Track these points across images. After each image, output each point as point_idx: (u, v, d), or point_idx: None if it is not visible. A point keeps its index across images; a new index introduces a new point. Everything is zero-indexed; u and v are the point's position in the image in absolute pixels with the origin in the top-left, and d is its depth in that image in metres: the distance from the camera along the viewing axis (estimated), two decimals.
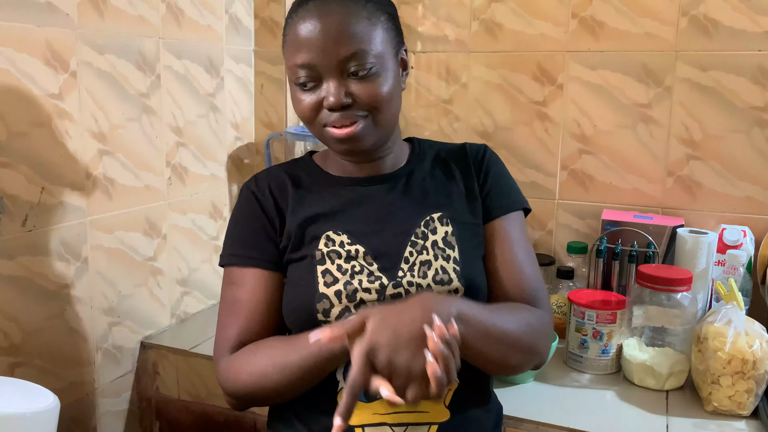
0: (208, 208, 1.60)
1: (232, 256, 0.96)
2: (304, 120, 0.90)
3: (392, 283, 0.88)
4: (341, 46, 0.84)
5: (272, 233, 0.95)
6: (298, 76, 0.87)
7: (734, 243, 1.35)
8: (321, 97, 0.87)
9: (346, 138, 0.87)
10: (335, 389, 0.88)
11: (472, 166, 0.99)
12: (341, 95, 0.85)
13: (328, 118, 0.87)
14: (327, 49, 0.84)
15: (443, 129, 1.65)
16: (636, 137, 1.49)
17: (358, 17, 0.86)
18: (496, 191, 0.98)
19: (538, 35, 1.53)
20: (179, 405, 1.41)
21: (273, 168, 1.02)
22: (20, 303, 1.14)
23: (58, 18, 1.17)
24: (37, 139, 1.15)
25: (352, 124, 0.87)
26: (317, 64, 0.85)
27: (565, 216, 1.57)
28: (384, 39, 0.88)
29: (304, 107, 0.89)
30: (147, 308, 1.43)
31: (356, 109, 0.87)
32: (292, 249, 0.93)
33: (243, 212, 0.97)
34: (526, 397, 1.18)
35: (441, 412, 0.87)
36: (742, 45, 1.38)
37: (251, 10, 1.71)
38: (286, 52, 0.89)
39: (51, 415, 0.82)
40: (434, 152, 1.02)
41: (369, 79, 0.86)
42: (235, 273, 0.95)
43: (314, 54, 0.85)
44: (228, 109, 1.65)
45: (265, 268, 0.94)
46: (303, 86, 0.88)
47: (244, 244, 0.95)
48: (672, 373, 1.20)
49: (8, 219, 1.11)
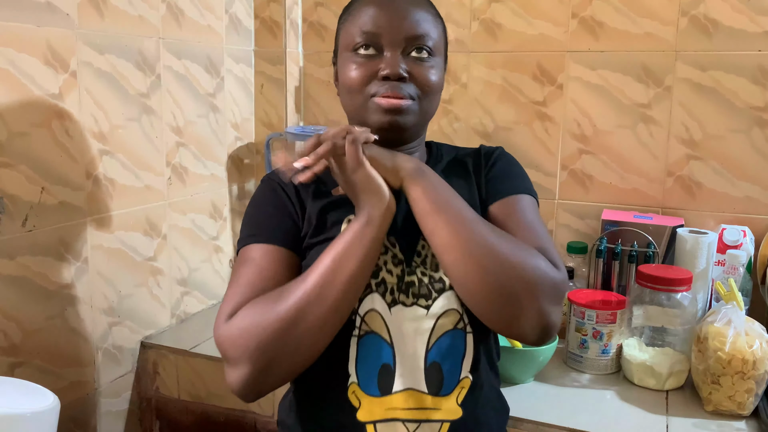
0: (208, 208, 1.60)
1: (251, 237, 0.92)
2: (353, 88, 0.90)
3: (408, 270, 0.88)
4: (411, 24, 0.89)
5: (295, 216, 0.93)
6: (357, 41, 0.89)
7: (734, 243, 1.35)
8: (376, 68, 0.88)
9: (393, 109, 0.88)
10: (346, 384, 0.87)
11: (483, 162, 0.99)
12: (400, 67, 0.87)
13: (379, 88, 0.88)
14: (396, 23, 0.88)
15: (443, 129, 1.65)
16: (636, 137, 1.49)
17: (428, 9, 0.93)
18: (495, 174, 0.97)
19: (538, 35, 1.53)
20: (179, 405, 1.41)
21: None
22: (20, 303, 1.14)
23: (58, 18, 1.17)
24: (37, 139, 1.15)
25: (402, 99, 0.88)
26: (383, 34, 0.88)
27: (565, 216, 1.57)
28: (442, 38, 0.94)
29: (356, 75, 0.89)
30: (147, 308, 1.43)
31: (408, 87, 0.89)
32: (314, 233, 0.91)
33: (264, 199, 0.96)
34: (526, 397, 1.18)
35: (453, 410, 0.87)
36: (742, 45, 1.39)
37: (251, 10, 1.71)
38: (348, 23, 0.91)
39: (51, 415, 0.82)
40: (452, 156, 1.01)
41: (426, 63, 0.90)
42: (250, 250, 0.90)
43: (383, 24, 0.88)
44: (228, 109, 1.65)
45: (281, 245, 0.90)
46: (362, 51, 0.89)
47: (264, 225, 0.93)
48: (672, 373, 1.20)
49: (8, 219, 1.11)
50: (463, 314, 0.88)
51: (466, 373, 0.89)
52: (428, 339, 0.87)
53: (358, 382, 0.86)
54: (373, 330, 0.86)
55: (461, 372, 0.89)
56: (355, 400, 0.86)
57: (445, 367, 0.87)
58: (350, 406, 0.86)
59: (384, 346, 0.86)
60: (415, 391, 0.86)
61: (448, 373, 0.87)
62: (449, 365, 0.88)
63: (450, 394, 0.87)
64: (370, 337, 0.86)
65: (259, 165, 1.76)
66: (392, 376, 0.86)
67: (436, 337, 0.87)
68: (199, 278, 1.59)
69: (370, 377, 0.86)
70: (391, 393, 0.86)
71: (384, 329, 0.86)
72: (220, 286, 1.66)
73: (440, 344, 0.87)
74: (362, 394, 0.86)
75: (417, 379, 0.86)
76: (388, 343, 0.86)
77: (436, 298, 0.87)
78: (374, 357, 0.86)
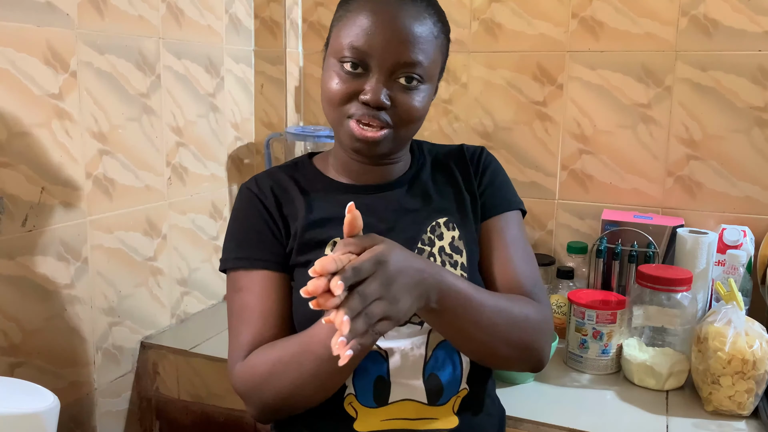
0: (208, 208, 1.60)
1: (238, 260, 0.90)
2: (331, 102, 0.86)
3: None
4: (404, 49, 0.82)
5: (278, 233, 0.90)
6: (345, 55, 0.83)
7: (734, 243, 1.35)
8: (360, 88, 0.83)
9: (367, 140, 0.84)
10: (342, 396, 0.86)
11: (471, 167, 0.98)
12: (384, 96, 0.82)
13: (356, 111, 0.84)
14: (390, 45, 0.82)
15: (443, 129, 1.65)
16: (636, 137, 1.49)
17: (428, 30, 0.84)
18: (492, 190, 0.96)
19: (538, 35, 1.53)
20: (179, 405, 1.41)
21: (272, 169, 0.98)
22: (20, 303, 1.14)
23: (58, 18, 1.17)
24: (37, 139, 1.15)
25: (380, 129, 0.84)
26: (373, 55, 0.82)
27: (565, 216, 1.57)
28: (437, 61, 0.88)
29: (337, 90, 0.84)
30: (147, 308, 1.43)
31: (387, 115, 0.84)
32: (298, 252, 0.89)
33: (245, 214, 0.93)
34: (526, 397, 1.18)
35: (450, 419, 0.87)
36: (742, 45, 1.38)
37: (251, 10, 1.71)
38: (342, 27, 0.85)
39: (51, 415, 0.82)
40: (433, 156, 1.00)
41: (411, 91, 0.84)
42: (241, 278, 0.89)
43: (375, 43, 0.82)
44: (228, 109, 1.65)
45: (273, 269, 0.89)
46: (348, 67, 0.83)
47: (249, 246, 0.90)
48: (672, 373, 1.20)
49: (8, 219, 1.11)
50: None
51: (465, 384, 0.89)
52: (425, 352, 0.87)
53: (355, 393, 0.86)
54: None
55: (460, 383, 0.89)
56: (352, 411, 0.86)
57: (444, 377, 0.87)
58: (347, 416, 0.86)
59: (378, 359, 0.86)
60: (413, 402, 0.86)
61: (447, 383, 0.88)
62: (447, 376, 0.88)
63: (447, 403, 0.88)
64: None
65: (259, 165, 1.76)
66: (388, 387, 0.86)
67: (432, 349, 0.87)
68: (199, 278, 1.59)
69: (366, 389, 0.86)
70: (388, 403, 0.86)
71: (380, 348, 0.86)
72: (220, 286, 1.66)
73: (437, 356, 0.87)
74: (359, 405, 0.86)
75: (415, 390, 0.86)
76: (383, 357, 0.86)
77: None
78: (370, 370, 0.86)
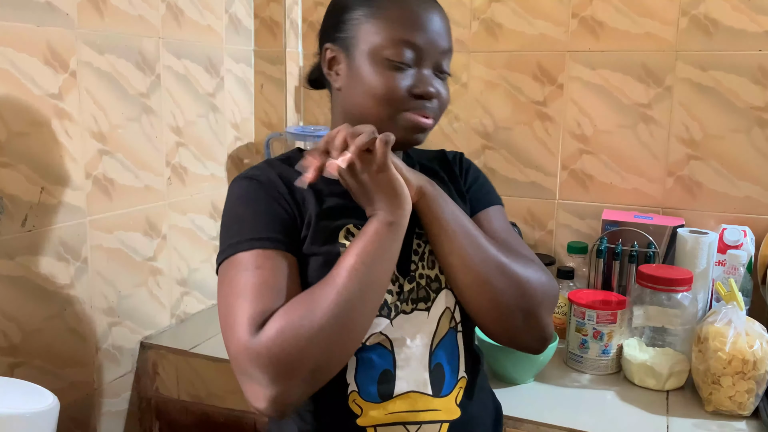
0: (208, 208, 1.60)
1: (254, 240, 0.81)
2: (385, 98, 0.84)
3: (407, 278, 0.87)
4: (445, 38, 0.85)
5: (294, 218, 0.85)
6: (401, 52, 0.83)
7: (734, 243, 1.35)
8: (410, 82, 0.84)
9: (426, 128, 0.87)
10: (345, 393, 0.85)
11: (455, 168, 1.00)
12: (434, 87, 0.85)
13: (414, 105, 0.85)
14: (438, 36, 0.84)
15: (443, 129, 1.65)
16: (636, 137, 1.49)
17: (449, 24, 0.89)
18: (477, 187, 0.99)
19: (538, 35, 1.53)
20: (179, 405, 1.41)
21: (269, 161, 0.93)
22: (20, 303, 1.14)
23: (58, 18, 1.17)
24: (37, 139, 1.15)
25: (433, 118, 0.87)
26: (427, 49, 0.84)
27: (565, 216, 1.57)
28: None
29: (395, 86, 0.83)
30: (147, 308, 1.43)
31: (434, 105, 0.87)
32: (312, 240, 0.84)
33: (254, 197, 0.85)
34: (526, 397, 1.18)
35: (453, 410, 0.87)
36: (742, 45, 1.38)
37: (251, 10, 1.71)
38: (379, 24, 0.84)
39: (51, 415, 0.82)
40: (419, 160, 1.00)
41: (445, 81, 0.88)
42: (255, 257, 0.80)
43: (428, 37, 0.84)
44: (228, 109, 1.65)
45: (293, 253, 0.83)
46: (400, 62, 0.83)
47: (265, 227, 0.82)
48: (672, 373, 1.20)
49: (8, 219, 1.11)
50: (455, 313, 0.89)
51: (463, 373, 0.90)
52: (432, 341, 0.87)
53: (358, 390, 0.86)
54: (373, 342, 0.85)
55: (459, 372, 0.89)
56: (356, 407, 0.86)
57: (447, 367, 0.88)
58: (351, 413, 0.86)
59: (384, 353, 0.86)
60: (417, 394, 0.86)
61: (449, 373, 0.88)
62: (450, 365, 0.88)
63: (449, 394, 0.88)
64: (370, 347, 0.85)
65: None
66: (393, 380, 0.85)
67: (439, 338, 0.87)
68: (199, 278, 1.59)
69: (370, 385, 0.85)
70: (393, 397, 0.85)
71: (386, 340, 0.86)
72: None
73: (443, 345, 0.88)
74: (363, 401, 0.86)
75: (422, 381, 0.86)
76: (389, 350, 0.86)
77: (434, 299, 0.87)
78: (375, 365, 0.85)
